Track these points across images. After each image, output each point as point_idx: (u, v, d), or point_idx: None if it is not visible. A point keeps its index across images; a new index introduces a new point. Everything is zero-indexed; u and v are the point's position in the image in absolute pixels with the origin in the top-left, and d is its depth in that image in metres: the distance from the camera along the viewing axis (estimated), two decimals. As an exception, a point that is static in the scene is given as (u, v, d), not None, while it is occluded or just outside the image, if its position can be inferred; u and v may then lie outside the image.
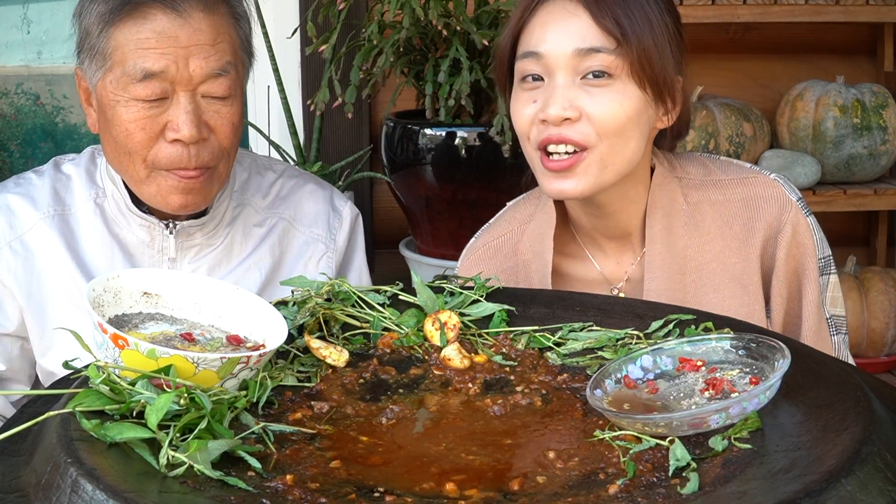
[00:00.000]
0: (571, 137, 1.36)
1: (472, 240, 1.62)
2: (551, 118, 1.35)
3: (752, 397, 0.94)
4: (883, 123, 2.70)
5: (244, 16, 1.54)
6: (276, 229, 1.67)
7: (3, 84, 2.99)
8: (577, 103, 1.36)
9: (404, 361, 1.18)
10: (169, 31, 1.43)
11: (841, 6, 2.69)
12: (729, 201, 1.47)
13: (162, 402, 0.91)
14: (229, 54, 1.48)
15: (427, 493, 0.87)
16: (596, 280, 1.52)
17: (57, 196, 1.61)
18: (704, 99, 2.71)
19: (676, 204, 1.47)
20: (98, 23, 1.45)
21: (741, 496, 0.81)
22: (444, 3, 2.24)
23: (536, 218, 1.54)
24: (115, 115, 1.46)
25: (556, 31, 1.38)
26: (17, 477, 0.91)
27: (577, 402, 1.07)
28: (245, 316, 1.15)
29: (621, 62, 1.36)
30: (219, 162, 1.50)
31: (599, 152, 1.37)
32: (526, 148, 1.43)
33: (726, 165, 1.51)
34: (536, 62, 1.39)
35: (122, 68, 1.44)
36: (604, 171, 1.38)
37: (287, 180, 1.71)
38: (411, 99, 2.49)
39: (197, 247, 1.60)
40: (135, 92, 1.44)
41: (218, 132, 1.48)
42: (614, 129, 1.36)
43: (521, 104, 1.41)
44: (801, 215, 1.45)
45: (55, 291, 1.57)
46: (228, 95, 1.48)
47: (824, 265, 1.48)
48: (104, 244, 1.59)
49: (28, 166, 3.00)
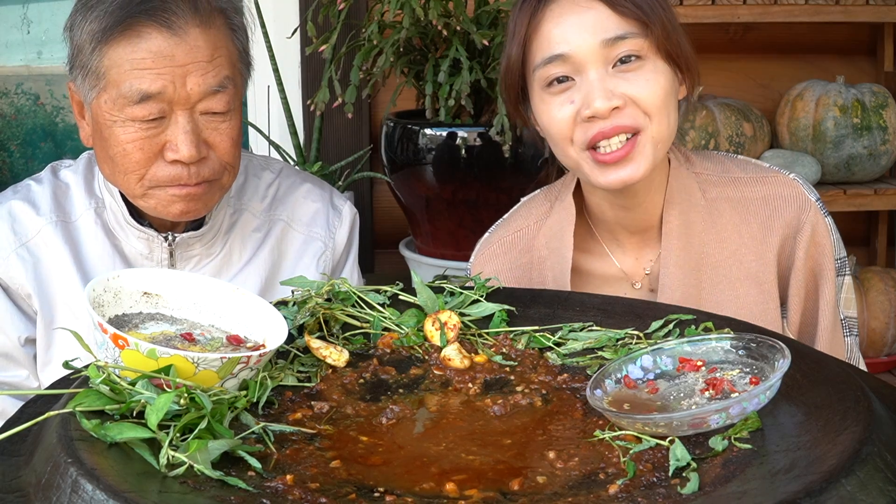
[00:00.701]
0: (626, 124, 1.36)
1: (487, 234, 1.61)
2: (600, 112, 1.35)
3: (752, 397, 0.94)
4: (883, 123, 2.70)
5: (241, 27, 1.51)
6: (273, 232, 1.66)
7: (3, 84, 2.98)
8: (618, 91, 1.36)
9: (404, 361, 1.18)
10: (165, 51, 1.39)
11: (841, 6, 2.69)
12: (747, 199, 1.47)
13: (162, 402, 0.91)
14: (227, 69, 1.45)
15: (427, 493, 0.87)
16: (615, 276, 1.52)
17: (58, 203, 1.59)
18: (704, 99, 2.71)
19: (694, 199, 1.47)
20: (90, 41, 1.41)
21: (741, 496, 0.81)
22: (444, 3, 2.23)
23: (554, 215, 1.53)
24: (112, 135, 1.43)
25: (576, 28, 1.36)
26: (17, 477, 0.91)
27: (577, 402, 1.07)
28: (245, 316, 1.15)
29: (648, 42, 1.37)
30: (221, 175, 1.49)
31: (651, 132, 1.37)
32: (567, 151, 1.41)
33: (744, 163, 1.52)
34: (562, 64, 1.37)
35: (117, 89, 1.40)
36: (656, 148, 1.39)
37: (284, 180, 1.70)
38: (411, 99, 2.49)
39: (196, 257, 1.59)
40: (131, 113, 1.41)
41: (217, 148, 1.47)
42: (659, 106, 1.37)
43: (556, 108, 1.39)
44: (819, 216, 1.46)
45: (61, 298, 1.56)
46: (227, 111, 1.46)
47: (840, 266, 1.48)
48: (106, 254, 1.57)
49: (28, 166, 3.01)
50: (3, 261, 1.55)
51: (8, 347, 1.57)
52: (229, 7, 1.48)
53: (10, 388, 1.57)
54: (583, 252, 1.53)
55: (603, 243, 1.53)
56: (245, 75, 1.54)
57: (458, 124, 2.30)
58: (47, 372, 1.56)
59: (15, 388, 1.57)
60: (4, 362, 1.57)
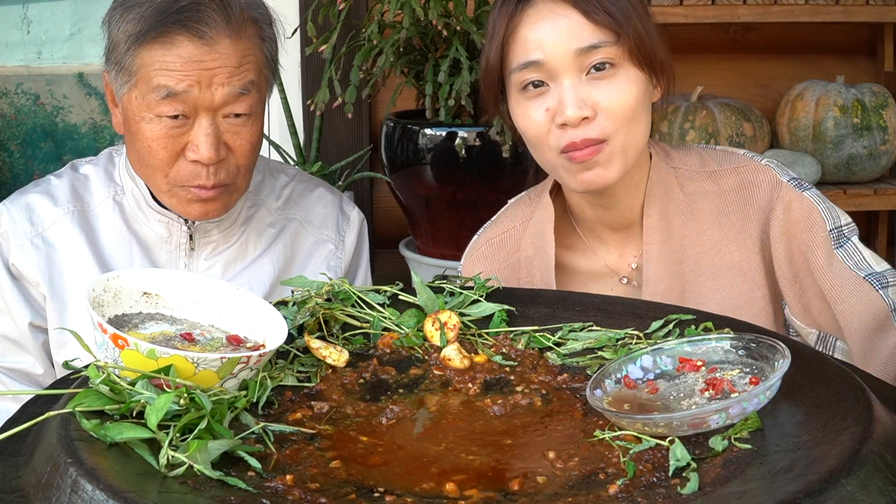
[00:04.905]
0: (593, 136, 1.37)
1: (475, 237, 1.63)
2: (571, 120, 1.36)
3: (752, 397, 0.94)
4: (883, 123, 2.69)
5: (271, 38, 1.57)
6: (287, 230, 1.72)
7: (3, 84, 2.98)
8: (590, 100, 1.37)
9: (404, 361, 1.18)
10: (195, 57, 1.45)
11: (841, 6, 2.69)
12: (724, 191, 1.48)
13: (162, 402, 0.91)
14: (253, 74, 1.51)
15: (427, 493, 0.87)
16: (600, 272, 1.54)
17: (76, 193, 1.65)
18: (704, 99, 2.70)
19: (673, 194, 1.48)
20: (126, 41, 1.47)
21: (741, 496, 0.81)
22: (444, 3, 2.23)
23: (536, 215, 1.55)
24: (139, 131, 1.49)
25: (551, 35, 1.38)
26: (17, 477, 0.91)
27: (577, 402, 1.07)
28: (245, 316, 1.16)
29: (621, 50, 1.38)
30: (235, 179, 1.54)
31: (619, 141, 1.39)
32: (544, 154, 1.43)
33: (721, 155, 1.53)
34: (537, 70, 1.39)
35: (146, 85, 1.46)
36: (626, 156, 1.40)
37: (298, 184, 1.77)
38: (411, 99, 2.49)
39: (213, 243, 1.65)
40: (158, 109, 1.46)
41: (237, 152, 1.52)
42: (628, 116, 1.38)
43: (530, 112, 1.41)
44: (792, 193, 1.44)
45: (75, 285, 1.60)
46: (250, 113, 1.51)
47: (838, 234, 1.43)
48: (123, 240, 1.63)
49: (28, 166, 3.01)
50: (17, 249, 1.61)
51: (15, 333, 1.62)
52: (261, 18, 1.54)
53: (16, 374, 1.63)
54: (567, 249, 1.55)
55: (586, 240, 1.55)
56: (271, 82, 1.59)
57: (457, 124, 2.30)
58: (63, 354, 1.60)
59: (21, 374, 1.63)
60: (13, 347, 1.63)
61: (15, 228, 1.62)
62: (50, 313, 1.61)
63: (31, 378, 1.63)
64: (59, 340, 1.61)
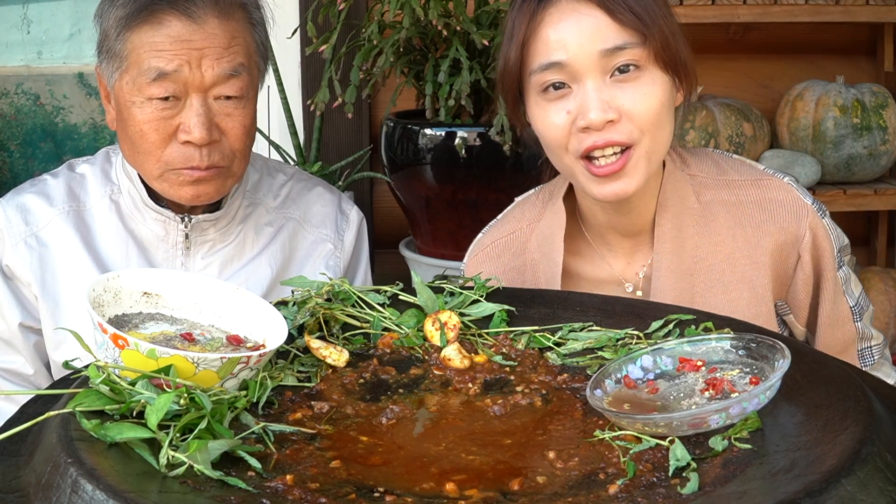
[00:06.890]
0: (617, 139, 1.33)
1: (480, 235, 1.60)
2: (595, 124, 1.32)
3: (752, 397, 0.94)
4: (883, 123, 2.69)
5: (261, 22, 1.58)
6: (285, 229, 1.71)
7: (3, 84, 2.98)
8: (615, 103, 1.33)
9: (404, 361, 1.18)
10: (184, 36, 1.46)
11: (841, 6, 2.69)
12: (742, 203, 1.45)
13: (162, 402, 0.91)
14: (242, 56, 1.51)
15: (427, 493, 0.87)
16: (607, 279, 1.51)
17: (72, 193, 1.65)
18: (704, 99, 2.70)
19: (688, 203, 1.45)
20: (116, 26, 1.49)
21: (741, 496, 0.81)
22: (444, 3, 2.23)
23: (546, 217, 1.52)
24: (131, 116, 1.50)
25: (574, 36, 1.34)
26: (17, 477, 0.91)
27: (577, 402, 1.07)
28: (245, 316, 1.15)
29: (646, 52, 1.34)
30: (231, 163, 1.54)
31: (644, 146, 1.35)
32: (562, 158, 1.39)
33: (739, 165, 1.50)
34: (559, 71, 1.35)
35: (137, 69, 1.48)
36: (649, 162, 1.37)
37: (297, 183, 1.77)
38: (411, 99, 2.49)
39: (210, 242, 1.64)
40: (149, 92, 1.47)
41: (229, 134, 1.52)
42: (654, 120, 1.35)
43: (551, 115, 1.37)
44: (817, 219, 1.45)
45: (70, 285, 1.60)
46: (241, 96, 1.52)
47: (840, 257, 1.47)
48: (119, 239, 1.63)
49: (28, 166, 3.01)
50: (11, 248, 1.61)
51: (6, 333, 1.63)
52: (250, 2, 1.56)
53: (7, 373, 1.63)
54: (574, 255, 1.52)
55: (594, 245, 1.52)
56: (262, 68, 1.60)
57: (457, 124, 2.30)
58: (59, 353, 1.61)
59: (12, 374, 1.63)
60: (3, 347, 1.64)
61: (10, 228, 1.62)
62: (43, 313, 1.61)
63: (22, 378, 1.63)
64: (54, 340, 1.61)
